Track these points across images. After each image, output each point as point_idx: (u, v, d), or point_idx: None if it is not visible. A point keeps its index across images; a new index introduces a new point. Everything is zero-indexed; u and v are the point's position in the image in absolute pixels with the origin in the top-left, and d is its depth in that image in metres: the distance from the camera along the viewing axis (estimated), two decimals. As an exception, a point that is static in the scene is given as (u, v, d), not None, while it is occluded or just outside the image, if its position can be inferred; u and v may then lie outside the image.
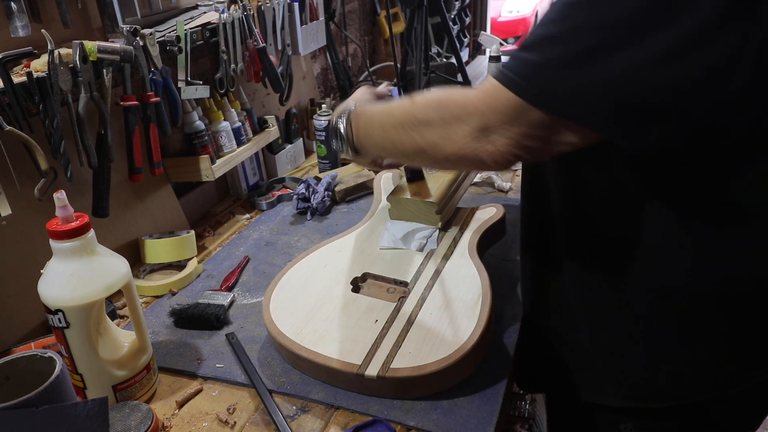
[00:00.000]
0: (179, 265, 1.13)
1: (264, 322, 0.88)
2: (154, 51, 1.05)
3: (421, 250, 0.98)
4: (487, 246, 1.00)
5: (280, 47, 1.44)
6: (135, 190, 1.14)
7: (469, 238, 0.98)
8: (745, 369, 0.74)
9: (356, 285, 0.94)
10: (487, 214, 1.03)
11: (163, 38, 1.09)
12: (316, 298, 0.90)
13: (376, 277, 0.95)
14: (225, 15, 1.23)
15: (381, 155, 0.87)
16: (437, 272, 0.92)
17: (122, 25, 1.03)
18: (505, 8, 5.97)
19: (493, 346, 0.87)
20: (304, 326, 0.85)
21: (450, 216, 1.04)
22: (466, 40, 2.82)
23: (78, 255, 0.72)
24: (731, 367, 0.73)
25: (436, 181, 1.04)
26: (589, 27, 0.55)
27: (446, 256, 0.95)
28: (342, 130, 0.83)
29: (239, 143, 1.33)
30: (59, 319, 0.71)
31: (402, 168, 1.11)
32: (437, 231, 1.01)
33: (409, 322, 0.83)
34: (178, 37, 1.12)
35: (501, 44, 2.24)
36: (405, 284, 0.92)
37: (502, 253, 1.09)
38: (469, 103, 0.63)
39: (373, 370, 0.76)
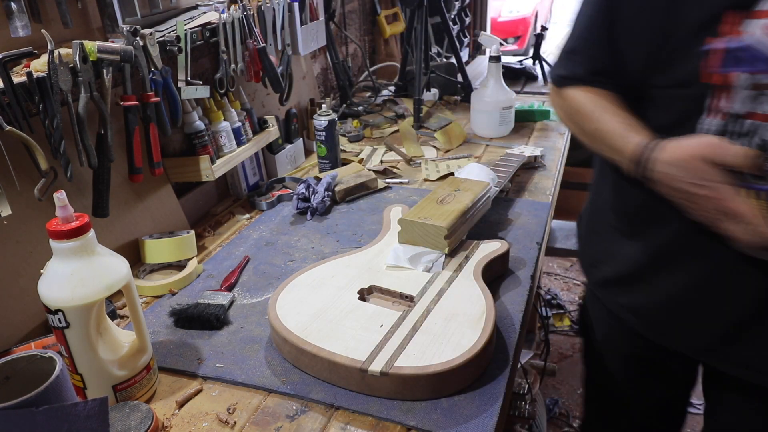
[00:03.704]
0: (179, 265, 1.13)
1: (269, 319, 0.88)
2: (154, 51, 1.05)
3: (427, 271, 1.00)
4: (489, 278, 1.02)
5: (280, 47, 1.44)
6: (135, 190, 1.14)
7: (474, 265, 1.01)
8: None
9: (363, 295, 0.95)
10: (491, 247, 1.06)
11: (163, 38, 1.09)
12: (322, 302, 0.91)
13: (382, 291, 0.96)
14: (225, 15, 1.23)
15: None
16: (443, 290, 0.94)
17: (122, 25, 1.03)
18: (505, 8, 5.98)
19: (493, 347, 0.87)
20: (310, 324, 0.86)
21: (457, 245, 1.06)
22: (466, 40, 2.82)
23: (78, 255, 0.72)
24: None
25: (448, 208, 1.06)
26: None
27: (452, 278, 0.97)
28: None
29: (239, 143, 1.33)
30: (59, 319, 0.71)
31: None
32: (444, 256, 1.03)
33: (414, 329, 0.84)
34: (178, 37, 1.12)
35: (501, 44, 2.23)
36: (411, 298, 0.93)
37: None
38: None
39: (376, 367, 0.77)
